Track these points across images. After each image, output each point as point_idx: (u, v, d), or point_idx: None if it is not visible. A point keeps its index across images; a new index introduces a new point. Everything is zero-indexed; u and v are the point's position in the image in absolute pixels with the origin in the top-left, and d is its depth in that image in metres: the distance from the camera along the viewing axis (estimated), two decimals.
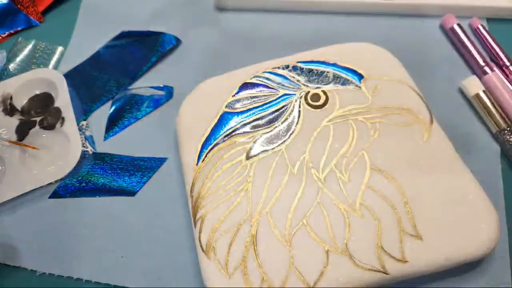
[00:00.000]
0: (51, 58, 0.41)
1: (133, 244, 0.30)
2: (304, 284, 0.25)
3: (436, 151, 0.29)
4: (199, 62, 0.40)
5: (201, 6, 0.44)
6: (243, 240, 0.27)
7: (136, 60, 0.40)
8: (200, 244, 0.27)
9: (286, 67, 0.34)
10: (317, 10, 0.42)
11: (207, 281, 0.26)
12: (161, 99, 0.38)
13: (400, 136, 0.30)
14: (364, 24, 0.41)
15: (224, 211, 0.28)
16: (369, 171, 0.29)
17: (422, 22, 0.41)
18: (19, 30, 0.43)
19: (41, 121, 0.36)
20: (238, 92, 0.33)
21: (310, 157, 0.30)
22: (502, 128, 0.33)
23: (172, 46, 0.40)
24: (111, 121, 0.37)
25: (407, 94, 0.32)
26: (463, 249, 0.26)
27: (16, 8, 0.43)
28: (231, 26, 0.42)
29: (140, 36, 0.41)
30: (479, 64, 0.37)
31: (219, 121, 0.32)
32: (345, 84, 0.33)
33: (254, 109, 0.32)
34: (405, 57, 0.35)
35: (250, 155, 0.30)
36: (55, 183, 0.33)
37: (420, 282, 0.28)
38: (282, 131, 0.31)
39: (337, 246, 0.26)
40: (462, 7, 0.40)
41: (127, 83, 0.39)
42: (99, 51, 0.41)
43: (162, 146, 0.35)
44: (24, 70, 0.40)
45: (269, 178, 0.29)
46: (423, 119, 0.31)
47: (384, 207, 0.27)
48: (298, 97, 0.33)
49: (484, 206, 0.27)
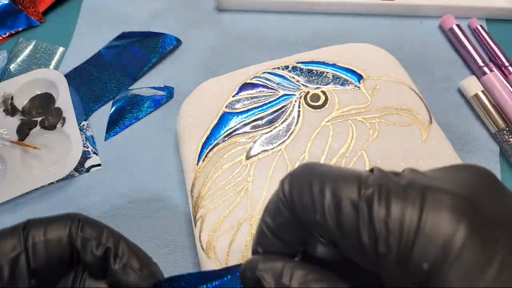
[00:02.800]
0: (52, 58, 0.41)
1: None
2: None
3: (435, 151, 0.30)
4: (199, 63, 0.40)
5: (201, 7, 0.44)
6: (243, 240, 0.27)
7: (137, 61, 0.40)
8: (201, 243, 0.27)
9: (285, 67, 0.34)
10: (316, 11, 0.42)
11: None
12: (161, 99, 0.38)
13: (399, 136, 0.30)
14: (363, 24, 0.42)
15: (224, 210, 0.28)
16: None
17: (421, 23, 0.41)
18: (20, 31, 0.44)
19: (42, 121, 0.36)
20: (238, 92, 0.34)
21: (309, 157, 0.30)
22: (501, 128, 0.33)
23: (172, 47, 0.41)
24: (112, 121, 0.37)
25: (406, 95, 0.32)
26: None
27: (17, 9, 0.43)
28: (231, 26, 0.42)
29: (141, 37, 0.41)
30: (478, 65, 0.37)
31: (219, 121, 0.32)
32: (345, 84, 0.33)
33: (254, 110, 0.33)
34: (404, 58, 0.35)
35: (250, 155, 0.30)
36: (56, 183, 0.33)
37: None
38: (282, 131, 0.31)
39: None
40: (461, 8, 0.41)
41: (128, 84, 0.39)
42: (100, 52, 0.41)
43: (163, 146, 0.35)
44: (25, 71, 0.40)
45: (269, 178, 0.29)
46: (422, 119, 0.31)
47: None
48: (297, 97, 0.33)
49: None
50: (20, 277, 0.20)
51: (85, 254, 0.21)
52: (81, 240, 0.21)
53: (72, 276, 0.23)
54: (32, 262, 0.21)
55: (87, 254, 0.21)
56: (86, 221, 0.22)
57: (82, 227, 0.21)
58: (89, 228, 0.22)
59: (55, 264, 0.21)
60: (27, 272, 0.20)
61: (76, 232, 0.21)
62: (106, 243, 0.22)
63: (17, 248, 0.20)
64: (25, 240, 0.21)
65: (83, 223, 0.22)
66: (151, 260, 0.23)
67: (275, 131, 0.31)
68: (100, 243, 0.21)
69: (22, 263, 0.20)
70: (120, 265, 0.21)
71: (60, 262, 0.21)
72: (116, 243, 0.22)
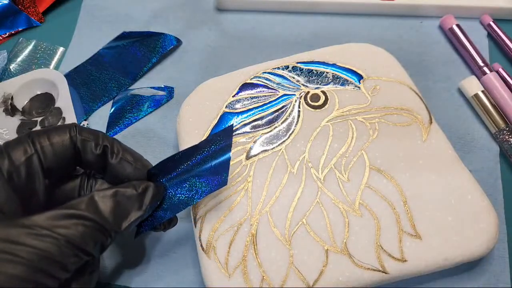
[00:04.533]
0: (52, 58, 0.41)
1: (133, 244, 0.30)
2: (303, 283, 0.26)
3: (435, 151, 0.30)
4: (199, 63, 0.40)
5: (201, 7, 0.44)
6: (243, 240, 0.27)
7: (137, 61, 0.40)
8: (201, 243, 0.27)
9: (285, 67, 0.34)
10: (316, 11, 0.42)
11: (207, 280, 0.26)
12: (161, 99, 0.38)
13: (399, 136, 0.30)
14: (363, 24, 0.41)
15: (224, 210, 0.28)
16: (368, 171, 0.29)
17: (421, 23, 0.41)
18: (20, 31, 0.44)
19: (42, 121, 0.36)
20: (238, 92, 0.34)
21: (309, 157, 0.30)
22: (501, 128, 0.33)
23: (172, 47, 0.41)
24: (112, 121, 0.37)
25: (406, 94, 0.32)
26: (462, 249, 0.26)
27: (17, 9, 0.43)
28: (231, 26, 0.42)
29: (141, 37, 0.41)
30: (478, 65, 0.37)
31: (220, 121, 0.32)
32: (345, 84, 0.33)
33: (254, 110, 0.33)
34: (404, 58, 0.35)
35: (250, 155, 0.30)
36: None
37: (419, 282, 0.28)
38: (281, 131, 0.31)
39: (336, 245, 0.27)
40: (461, 8, 0.41)
41: (128, 84, 0.39)
42: (100, 52, 0.41)
43: (163, 146, 0.35)
44: (25, 71, 0.40)
45: (269, 177, 0.29)
46: (422, 119, 0.31)
47: (383, 206, 0.28)
48: (297, 97, 0.33)
49: (483, 206, 0.27)
50: (36, 176, 0.23)
51: (86, 154, 0.25)
52: (81, 142, 0.24)
53: (78, 181, 0.26)
54: (44, 161, 0.23)
55: (88, 154, 0.25)
56: (82, 128, 0.25)
57: (80, 132, 0.25)
58: (86, 132, 0.25)
59: (63, 164, 0.24)
60: (41, 171, 0.23)
61: (76, 136, 0.24)
62: (103, 143, 0.25)
63: (28, 151, 0.23)
64: (33, 144, 0.23)
65: (80, 129, 0.25)
66: (143, 157, 0.27)
67: (275, 131, 0.31)
68: (98, 144, 0.25)
69: (35, 163, 0.23)
70: (117, 159, 0.25)
71: (67, 163, 0.24)
72: (112, 143, 0.25)
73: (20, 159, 0.23)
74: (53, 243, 0.20)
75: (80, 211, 0.22)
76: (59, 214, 0.21)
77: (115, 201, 0.23)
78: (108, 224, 0.22)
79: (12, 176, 0.22)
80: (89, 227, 0.22)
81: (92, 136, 0.25)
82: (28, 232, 0.20)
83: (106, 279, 0.29)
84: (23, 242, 0.20)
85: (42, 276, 0.20)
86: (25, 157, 0.23)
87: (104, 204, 0.23)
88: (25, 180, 0.23)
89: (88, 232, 0.22)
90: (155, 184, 0.25)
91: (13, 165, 0.22)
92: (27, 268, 0.19)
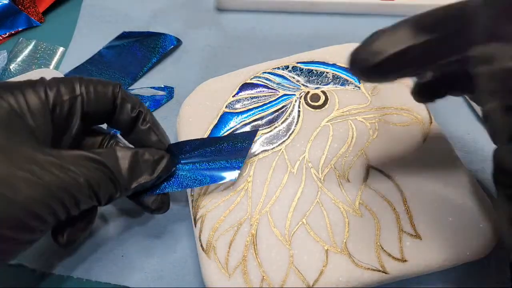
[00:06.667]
0: (52, 58, 0.41)
1: (133, 243, 0.30)
2: (303, 283, 0.26)
3: (435, 151, 0.30)
4: (199, 63, 0.40)
5: (201, 7, 0.44)
6: (243, 240, 0.27)
7: (137, 61, 0.40)
8: (201, 243, 0.27)
9: (285, 67, 0.34)
10: (316, 11, 0.42)
11: (207, 280, 0.26)
12: (161, 99, 0.38)
13: (399, 136, 0.30)
14: (363, 24, 0.41)
15: (224, 210, 0.28)
16: (368, 171, 0.29)
17: None
18: (20, 31, 0.44)
19: None
20: (238, 92, 0.34)
21: (309, 157, 0.30)
22: None
23: (172, 47, 0.41)
24: None
25: (406, 94, 0.32)
26: (462, 249, 0.26)
27: (17, 9, 0.43)
28: (231, 26, 0.42)
29: (141, 37, 0.41)
30: None
31: (219, 121, 0.32)
32: (345, 84, 0.33)
33: (254, 110, 0.33)
34: None
35: (250, 155, 0.30)
36: None
37: (419, 282, 0.28)
38: (281, 131, 0.31)
39: (336, 245, 0.27)
40: None
41: (128, 83, 0.39)
42: (100, 52, 0.41)
43: None
44: (25, 71, 0.40)
45: (269, 177, 0.29)
46: (422, 119, 0.31)
47: (383, 206, 0.28)
48: (297, 97, 0.33)
49: (483, 206, 0.27)
50: (75, 115, 0.25)
51: (121, 112, 0.26)
52: (121, 100, 0.26)
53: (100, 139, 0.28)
54: (86, 105, 0.25)
55: (123, 113, 0.26)
56: (124, 90, 0.26)
57: (122, 91, 0.26)
58: (127, 94, 0.27)
59: (99, 114, 0.26)
60: (81, 112, 0.25)
61: (118, 93, 0.26)
62: (139, 108, 0.27)
63: (76, 91, 0.25)
64: (80, 87, 0.25)
65: (122, 90, 0.26)
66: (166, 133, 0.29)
67: (275, 131, 0.31)
68: (135, 108, 0.26)
69: (78, 103, 0.25)
70: (146, 126, 0.27)
71: (102, 114, 0.26)
72: (146, 111, 0.27)
73: (66, 95, 0.24)
74: (74, 178, 0.22)
75: (103, 158, 0.23)
76: (84, 155, 0.23)
77: (133, 161, 0.25)
78: (122, 179, 0.24)
79: (55, 108, 0.24)
80: (107, 175, 0.24)
81: (132, 99, 0.27)
82: (54, 162, 0.22)
83: (103, 278, 0.29)
84: (48, 169, 0.21)
85: (57, 204, 0.22)
86: (71, 95, 0.24)
87: (123, 161, 0.25)
88: (65, 115, 0.24)
89: (105, 180, 0.23)
90: (170, 156, 0.27)
91: (60, 98, 0.24)
92: (45, 192, 0.21)
